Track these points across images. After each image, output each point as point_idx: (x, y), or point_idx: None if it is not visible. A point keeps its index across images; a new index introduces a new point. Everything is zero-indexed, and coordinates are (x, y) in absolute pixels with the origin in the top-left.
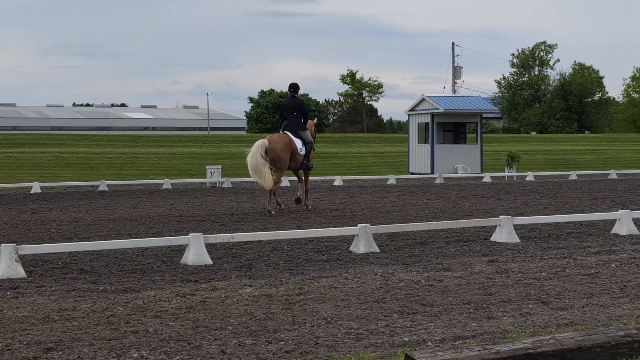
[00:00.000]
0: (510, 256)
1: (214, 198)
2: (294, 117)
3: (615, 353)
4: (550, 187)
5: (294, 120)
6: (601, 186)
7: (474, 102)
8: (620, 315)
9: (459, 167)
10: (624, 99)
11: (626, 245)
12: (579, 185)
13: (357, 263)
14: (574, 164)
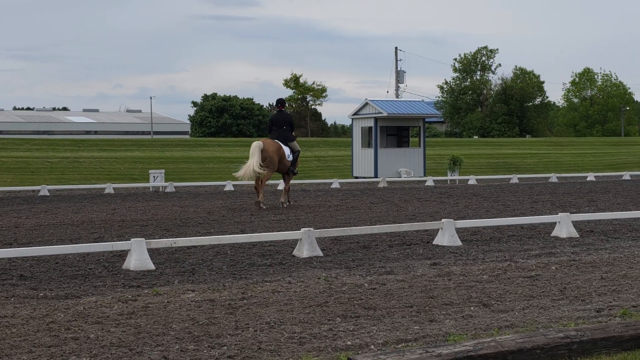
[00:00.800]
0: (453, 259)
1: (157, 202)
2: (283, 130)
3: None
4: (492, 190)
5: (283, 133)
6: (542, 189)
7: (416, 106)
8: (560, 317)
9: (402, 170)
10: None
11: (566, 247)
12: (520, 189)
13: (301, 267)
14: (516, 168)
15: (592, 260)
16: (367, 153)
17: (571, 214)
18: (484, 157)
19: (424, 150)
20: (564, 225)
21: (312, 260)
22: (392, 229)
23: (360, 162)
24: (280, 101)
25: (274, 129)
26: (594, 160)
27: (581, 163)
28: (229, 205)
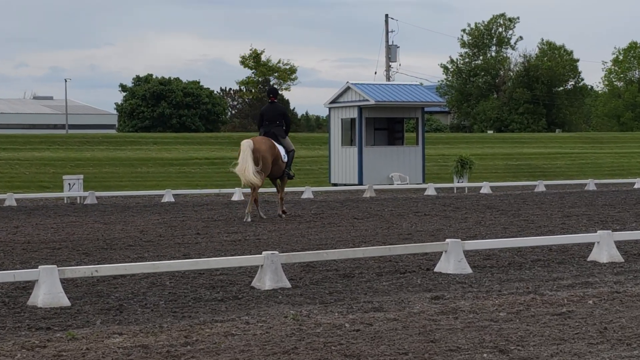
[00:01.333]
0: (460, 291)
1: (74, 218)
2: (275, 125)
3: None
4: (512, 201)
5: (276, 128)
6: (576, 200)
7: (413, 91)
8: None
9: (394, 176)
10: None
11: (607, 275)
12: (548, 199)
13: (262, 302)
14: (542, 172)
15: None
16: (349, 153)
17: (614, 232)
18: (500, 158)
19: (423, 149)
20: (605, 246)
21: (277, 293)
22: (381, 252)
23: (340, 165)
24: (272, 91)
25: (265, 123)
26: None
27: (627, 166)
28: (169, 221)
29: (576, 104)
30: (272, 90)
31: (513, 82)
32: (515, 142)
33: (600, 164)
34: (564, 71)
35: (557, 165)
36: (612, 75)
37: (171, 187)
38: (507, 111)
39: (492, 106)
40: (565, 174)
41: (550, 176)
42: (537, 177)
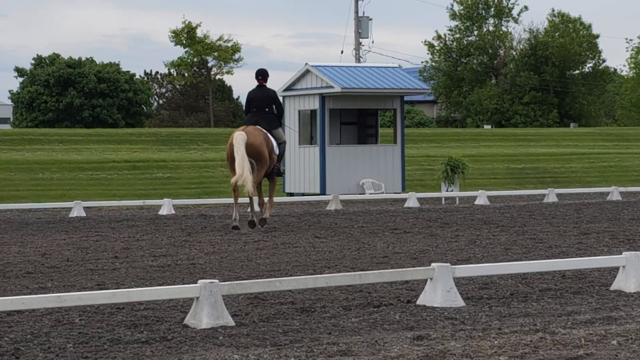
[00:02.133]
0: (450, 330)
1: None
2: (265, 113)
3: None
4: (515, 214)
5: (265, 116)
6: (596, 213)
7: (390, 76)
8: None
9: (366, 182)
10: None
11: (635, 308)
12: (560, 212)
13: (198, 345)
14: (553, 177)
15: None
16: (309, 154)
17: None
18: (501, 160)
19: (402, 149)
20: (632, 271)
21: (217, 332)
22: (349, 281)
23: (298, 170)
24: (261, 72)
25: (253, 110)
26: None
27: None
28: (78, 241)
29: (596, 91)
30: (261, 72)
31: (516, 64)
32: (519, 140)
33: (626, 167)
34: (581, 50)
35: (572, 169)
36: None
37: (82, 197)
38: (509, 101)
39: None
40: (583, 180)
41: (564, 183)
42: (547, 185)
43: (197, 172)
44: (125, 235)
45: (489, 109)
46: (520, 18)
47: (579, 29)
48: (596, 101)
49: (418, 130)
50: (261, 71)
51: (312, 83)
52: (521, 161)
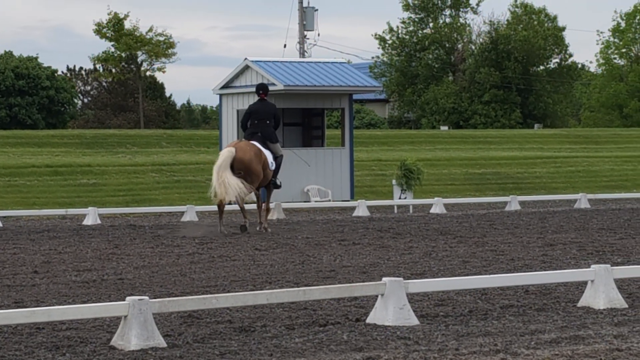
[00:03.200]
0: (403, 350)
1: None
2: (266, 126)
3: None
4: (474, 224)
5: (265, 129)
6: (562, 222)
7: (338, 72)
8: None
9: (312, 189)
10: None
11: (605, 326)
12: (524, 221)
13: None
14: (516, 184)
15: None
16: None
17: (614, 268)
18: (459, 165)
19: (351, 152)
20: (601, 286)
21: (147, 354)
22: (293, 297)
23: None
24: (262, 87)
25: (254, 122)
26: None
27: (632, 174)
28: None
29: (562, 89)
30: (262, 87)
31: (475, 59)
32: (478, 143)
33: (595, 172)
34: (545, 44)
35: (537, 174)
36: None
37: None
38: (468, 99)
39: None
40: (548, 187)
41: (528, 189)
42: (509, 191)
43: (126, 178)
44: (46, 248)
45: (445, 109)
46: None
47: (543, 20)
48: (562, 100)
49: (368, 132)
50: (262, 86)
51: (252, 80)
52: (481, 166)
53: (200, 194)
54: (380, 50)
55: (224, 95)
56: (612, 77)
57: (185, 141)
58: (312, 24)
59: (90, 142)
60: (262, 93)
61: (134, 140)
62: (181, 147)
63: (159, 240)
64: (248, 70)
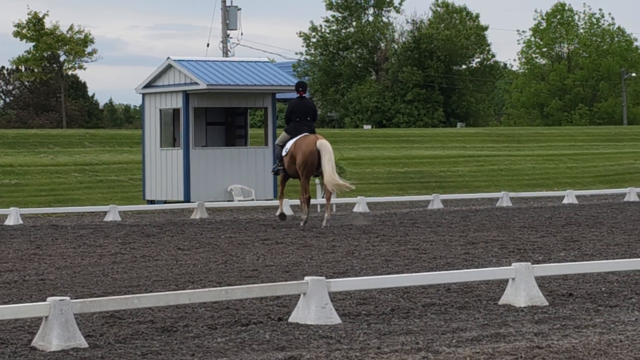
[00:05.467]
0: (325, 349)
1: None
2: (307, 121)
3: None
4: (397, 223)
5: (308, 124)
6: (485, 220)
7: (261, 71)
8: None
9: (235, 188)
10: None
11: (525, 324)
12: (446, 220)
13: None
14: (439, 182)
15: (570, 347)
16: (171, 157)
17: (534, 265)
18: (382, 164)
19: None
20: (522, 284)
21: (69, 355)
22: (215, 297)
23: (159, 175)
24: (302, 84)
25: (296, 120)
26: (575, 169)
27: (553, 173)
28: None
29: (485, 88)
30: (301, 84)
31: (398, 58)
32: (401, 141)
33: (517, 171)
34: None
35: (459, 172)
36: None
37: None
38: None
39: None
40: (470, 185)
41: (450, 188)
42: (432, 190)
43: (48, 178)
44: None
45: (368, 108)
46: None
47: (465, 20)
48: (485, 99)
49: None
50: (301, 84)
51: (175, 79)
52: (404, 164)
53: (124, 193)
54: (304, 48)
55: (146, 94)
56: (534, 76)
57: (108, 141)
58: (235, 23)
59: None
60: (301, 90)
61: (56, 140)
62: (104, 146)
63: (81, 241)
64: (171, 70)
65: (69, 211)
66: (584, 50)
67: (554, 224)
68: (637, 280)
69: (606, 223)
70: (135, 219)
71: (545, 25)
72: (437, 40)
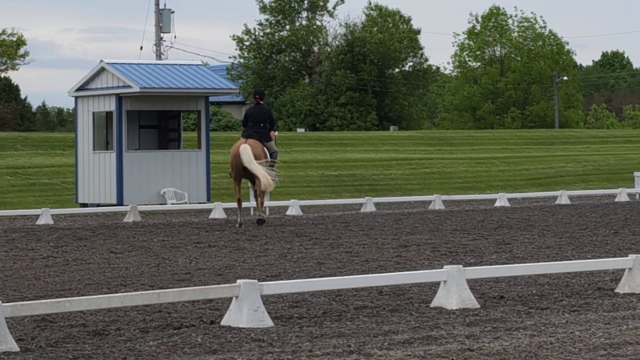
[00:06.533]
0: (257, 353)
1: None
2: (259, 128)
3: None
4: (330, 226)
5: (259, 130)
6: (417, 223)
7: (195, 74)
8: None
9: (168, 192)
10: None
11: (457, 327)
12: (378, 223)
13: None
14: (371, 185)
15: (501, 349)
16: (104, 160)
17: (466, 268)
18: (315, 167)
19: (207, 154)
20: (454, 287)
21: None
22: (147, 300)
23: (92, 178)
24: (259, 92)
25: (249, 125)
26: (507, 172)
27: (486, 176)
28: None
29: (418, 92)
30: (259, 92)
31: (332, 61)
32: (334, 145)
33: (449, 174)
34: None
35: (392, 175)
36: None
37: None
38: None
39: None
40: (403, 188)
41: (383, 191)
42: (364, 193)
43: None
44: None
45: (302, 111)
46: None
47: (398, 23)
48: (418, 102)
49: (225, 134)
50: (259, 91)
51: (108, 82)
52: (337, 167)
53: (56, 196)
54: (238, 52)
55: (79, 97)
56: (466, 79)
57: (40, 144)
58: (169, 26)
59: None
60: (257, 97)
61: None
62: (37, 149)
63: (13, 244)
64: (104, 73)
65: (0, 214)
66: (516, 53)
67: (486, 226)
68: (567, 283)
69: (538, 226)
70: (67, 222)
71: (479, 29)
72: (370, 43)
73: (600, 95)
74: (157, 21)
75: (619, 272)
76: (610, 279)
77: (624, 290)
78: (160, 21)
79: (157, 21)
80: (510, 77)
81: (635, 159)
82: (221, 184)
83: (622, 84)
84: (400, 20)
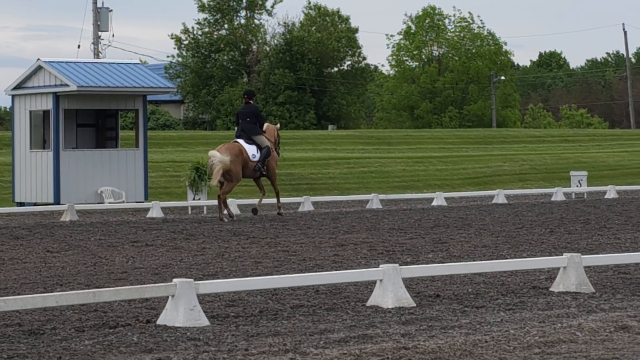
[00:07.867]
0: (192, 351)
1: None
2: (247, 123)
3: None
4: (267, 225)
5: (247, 126)
6: (354, 222)
7: (132, 73)
8: None
9: (105, 191)
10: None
11: (392, 325)
12: (316, 222)
13: None
14: (309, 184)
15: (436, 347)
16: (41, 159)
17: (402, 267)
18: None
19: (145, 153)
20: (390, 286)
21: None
22: (82, 299)
23: (29, 177)
24: (248, 92)
25: (239, 121)
26: (444, 171)
27: (423, 175)
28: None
29: (356, 91)
30: (248, 92)
31: (270, 60)
32: None
33: (387, 173)
34: (339, 46)
35: (330, 174)
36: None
37: None
38: (263, 101)
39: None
40: (341, 187)
41: (321, 190)
42: (302, 192)
43: None
44: None
45: None
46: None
47: (336, 22)
48: (356, 101)
49: (163, 133)
50: (248, 92)
51: (45, 81)
52: None
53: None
54: (176, 50)
55: (16, 96)
56: (404, 79)
57: None
58: (107, 25)
59: None
60: (247, 97)
61: None
62: None
63: None
64: (41, 71)
65: None
66: (454, 53)
67: (423, 225)
68: (503, 282)
69: (474, 225)
70: (4, 221)
71: (415, 28)
72: (308, 42)
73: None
74: (95, 20)
75: (553, 271)
76: (546, 277)
77: (558, 288)
78: (98, 19)
79: (95, 20)
80: (448, 77)
81: (571, 158)
82: (159, 182)
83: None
84: (339, 20)
